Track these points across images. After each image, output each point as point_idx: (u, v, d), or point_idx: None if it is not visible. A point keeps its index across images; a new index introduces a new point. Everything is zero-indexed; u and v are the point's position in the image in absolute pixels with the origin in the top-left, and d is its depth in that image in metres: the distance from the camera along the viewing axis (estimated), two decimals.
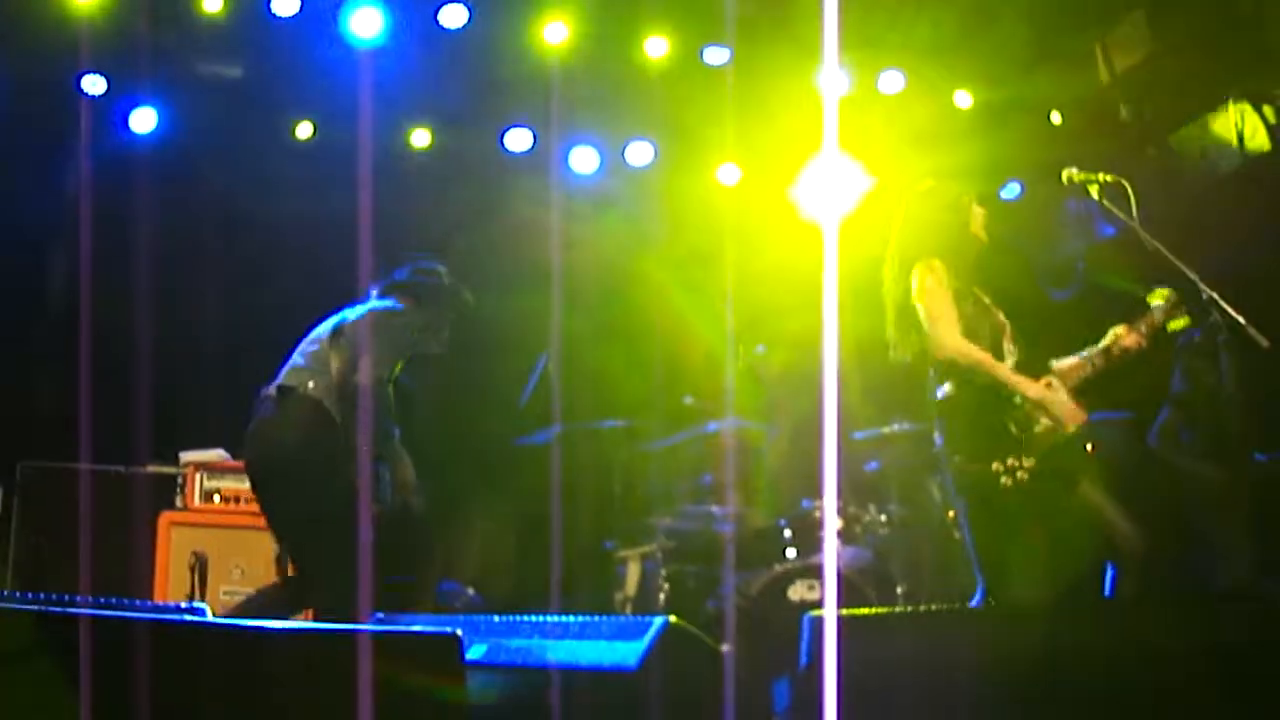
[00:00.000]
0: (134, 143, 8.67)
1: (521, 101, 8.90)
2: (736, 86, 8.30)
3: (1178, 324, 5.45)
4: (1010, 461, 5.24)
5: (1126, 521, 5.37)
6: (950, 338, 5.39)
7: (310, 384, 5.87)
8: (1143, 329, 5.54)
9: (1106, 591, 5.34)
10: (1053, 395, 5.35)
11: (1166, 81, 8.97)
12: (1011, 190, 8.71)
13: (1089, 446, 5.54)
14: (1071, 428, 5.34)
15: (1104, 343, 5.57)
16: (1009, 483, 5.23)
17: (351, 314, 6.08)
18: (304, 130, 8.76)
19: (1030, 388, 5.33)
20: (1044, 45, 8.95)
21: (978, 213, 5.62)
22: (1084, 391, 5.52)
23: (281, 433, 5.89)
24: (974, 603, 5.39)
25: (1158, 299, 5.50)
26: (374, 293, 6.26)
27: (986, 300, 5.58)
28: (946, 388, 5.45)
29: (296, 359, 6.05)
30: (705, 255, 8.59)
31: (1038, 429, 5.32)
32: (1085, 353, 5.61)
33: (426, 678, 3.26)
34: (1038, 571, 5.33)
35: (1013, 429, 5.30)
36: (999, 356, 5.45)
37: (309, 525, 5.76)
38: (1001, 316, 5.57)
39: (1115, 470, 5.59)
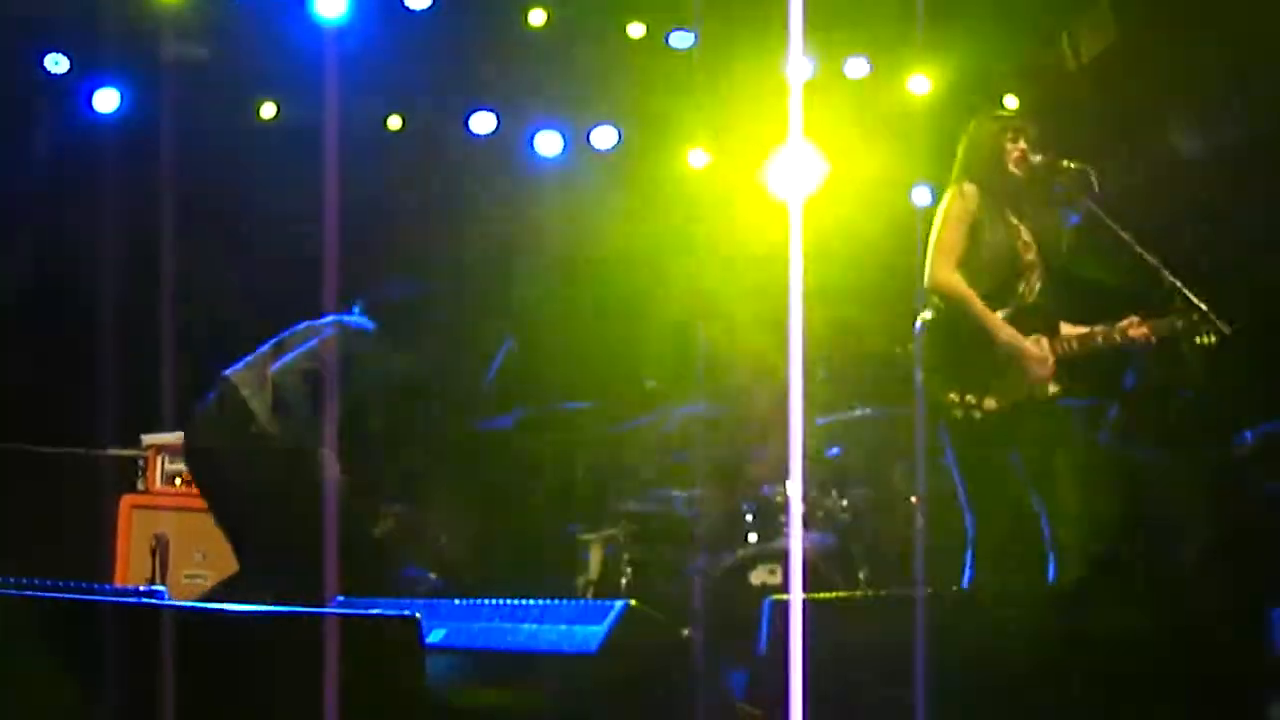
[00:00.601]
0: (98, 123, 8.62)
1: (486, 84, 8.89)
2: (702, 70, 8.32)
3: (1204, 340, 5.40)
4: (968, 397, 5.23)
5: (1071, 506, 5.36)
6: (939, 268, 5.41)
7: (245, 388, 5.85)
8: (1154, 329, 5.47)
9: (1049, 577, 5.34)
10: (1025, 344, 5.33)
11: (1132, 68, 8.99)
12: None
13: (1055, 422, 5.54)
14: (1034, 378, 5.32)
15: (1119, 324, 5.53)
16: (959, 416, 5.23)
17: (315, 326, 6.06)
18: (268, 111, 8.72)
19: (1002, 331, 5.31)
20: (1009, 32, 8.98)
21: (1012, 149, 5.59)
22: (1074, 365, 5.50)
23: (209, 427, 5.95)
24: (966, 557, 5.40)
25: (1180, 315, 5.42)
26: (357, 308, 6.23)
27: (1025, 236, 5.55)
28: (930, 312, 5.44)
29: (250, 357, 6.04)
30: (670, 238, 8.58)
31: (1009, 378, 5.31)
32: (1098, 326, 5.57)
33: (386, 661, 3.25)
34: (1017, 531, 5.35)
35: (984, 366, 5.29)
36: (1009, 293, 5.43)
37: (241, 521, 5.83)
38: (1032, 255, 5.53)
39: (1072, 453, 5.58)
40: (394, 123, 9.04)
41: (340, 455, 5.73)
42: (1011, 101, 9.04)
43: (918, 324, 5.50)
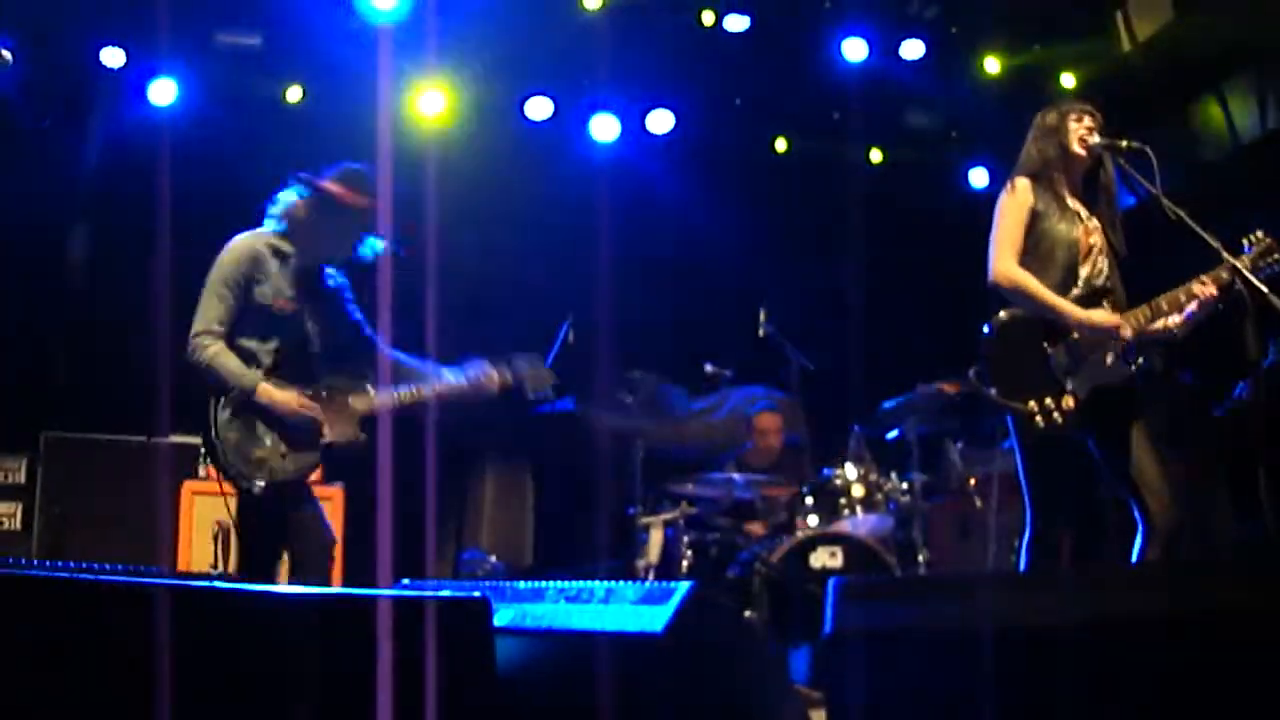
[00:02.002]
0: (153, 115, 8.68)
1: (542, 70, 8.91)
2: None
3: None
4: (1047, 401, 5.20)
5: (1166, 488, 5.33)
6: (999, 262, 5.39)
7: None
8: (1216, 281, 5.40)
9: (1135, 557, 5.31)
10: (1096, 316, 5.30)
11: (1187, 49, 8.96)
12: None
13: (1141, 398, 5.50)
14: (1113, 348, 5.28)
15: (1183, 287, 5.46)
16: (1042, 423, 5.20)
17: None
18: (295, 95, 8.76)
19: (1072, 312, 5.29)
20: (1066, 13, 8.95)
21: (1076, 128, 5.56)
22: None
23: None
24: (1024, 542, 5.39)
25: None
26: None
27: (1087, 220, 5.53)
28: (994, 321, 5.43)
29: None
30: (730, 224, 8.62)
31: (1083, 370, 5.30)
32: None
33: (457, 642, 3.27)
34: (1083, 516, 5.33)
35: (1054, 366, 5.28)
36: (1076, 279, 5.42)
37: None
38: (1097, 238, 5.51)
39: (1163, 429, 5.54)
40: (444, 108, 9.05)
41: None
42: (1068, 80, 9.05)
43: (986, 330, 5.48)
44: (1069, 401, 5.21)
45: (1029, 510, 5.40)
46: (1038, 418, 5.19)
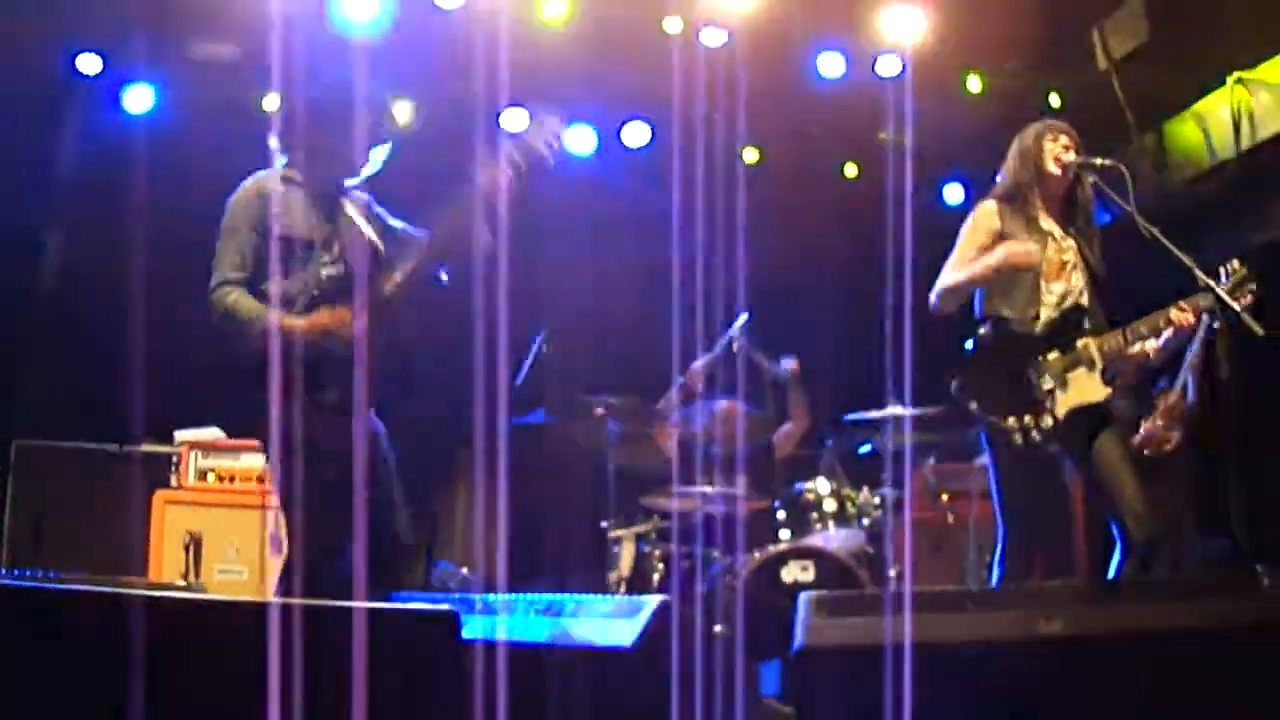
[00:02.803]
0: (129, 122, 8.66)
1: (515, 81, 8.90)
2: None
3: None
4: (1027, 419, 5.23)
5: (1143, 504, 5.36)
6: (942, 279, 5.47)
7: None
8: (1194, 308, 5.43)
9: (1112, 574, 5.34)
10: (1012, 246, 5.38)
11: (1162, 68, 8.99)
12: None
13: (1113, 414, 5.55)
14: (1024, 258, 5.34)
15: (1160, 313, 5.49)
16: (1020, 441, 5.23)
17: None
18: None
19: (993, 257, 5.39)
20: (1043, 31, 8.97)
21: (1051, 147, 5.59)
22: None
23: None
24: (996, 556, 5.41)
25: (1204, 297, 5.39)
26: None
27: (1060, 239, 5.55)
28: (977, 337, 5.46)
29: None
30: (705, 235, 8.59)
31: (1066, 389, 5.32)
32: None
33: (425, 656, 3.27)
34: (1056, 534, 5.36)
35: (1034, 384, 5.30)
36: (1035, 299, 5.44)
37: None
38: (1070, 256, 5.54)
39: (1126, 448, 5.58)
40: (409, 118, 9.05)
41: None
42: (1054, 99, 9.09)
43: (969, 346, 5.50)
44: (1047, 421, 5.24)
45: (1001, 526, 5.43)
46: (1016, 435, 5.23)
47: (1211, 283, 5.23)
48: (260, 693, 3.08)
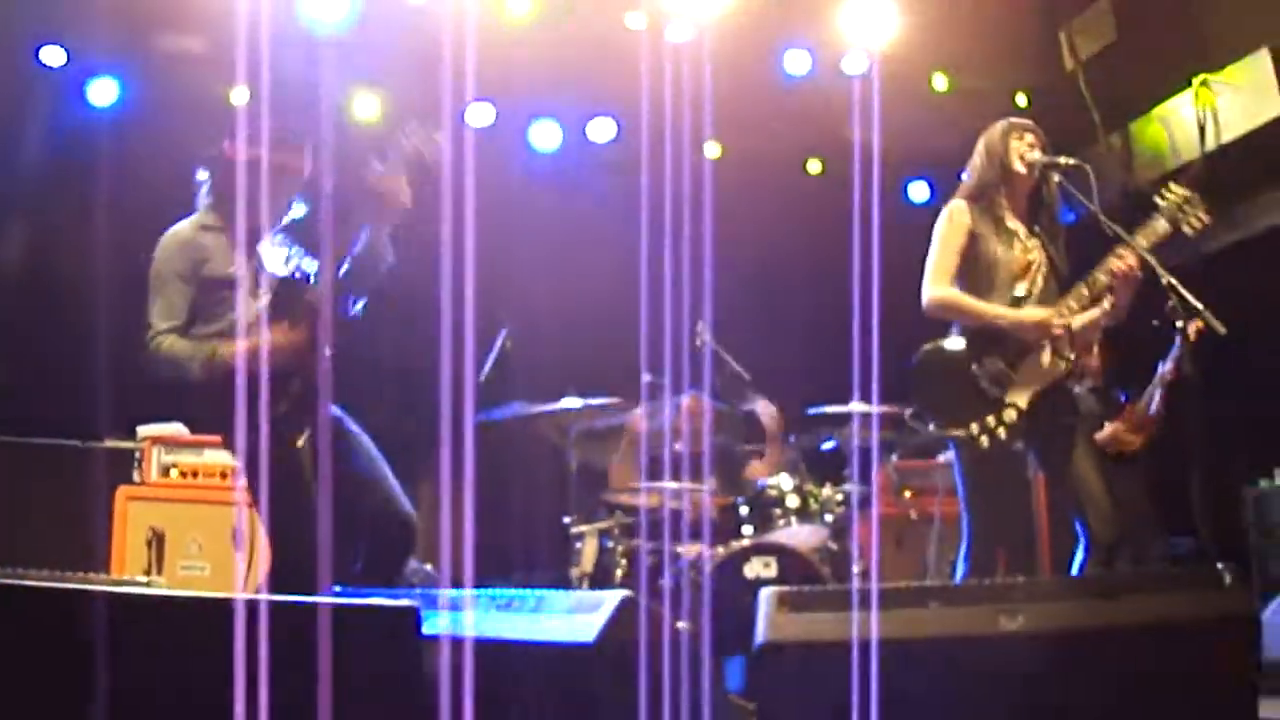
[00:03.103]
0: (94, 116, 8.63)
1: (479, 77, 8.89)
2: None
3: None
4: (988, 420, 5.24)
5: (1107, 502, 5.38)
6: (931, 287, 5.50)
7: None
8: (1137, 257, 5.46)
9: (1076, 569, 5.36)
10: (1024, 314, 5.35)
11: (1129, 68, 9.04)
12: None
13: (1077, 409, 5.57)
14: (1049, 349, 5.32)
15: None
16: (987, 442, 5.24)
17: None
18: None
19: (1001, 316, 5.34)
20: (1011, 31, 9.00)
21: (1017, 146, 5.60)
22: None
23: None
24: (961, 553, 5.41)
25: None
26: None
27: (1026, 239, 5.56)
28: (916, 355, 5.47)
29: None
30: (668, 233, 8.59)
31: (1022, 376, 5.33)
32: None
33: (384, 650, 3.26)
34: (1021, 532, 5.37)
35: (985, 386, 5.31)
36: (1009, 299, 5.45)
37: None
38: (1035, 255, 5.54)
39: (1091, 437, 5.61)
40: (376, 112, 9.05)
41: None
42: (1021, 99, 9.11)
43: (911, 364, 5.51)
44: (1010, 414, 5.25)
45: (966, 523, 5.44)
46: (983, 439, 5.23)
47: (1175, 282, 5.25)
48: (221, 688, 3.06)
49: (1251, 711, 3.76)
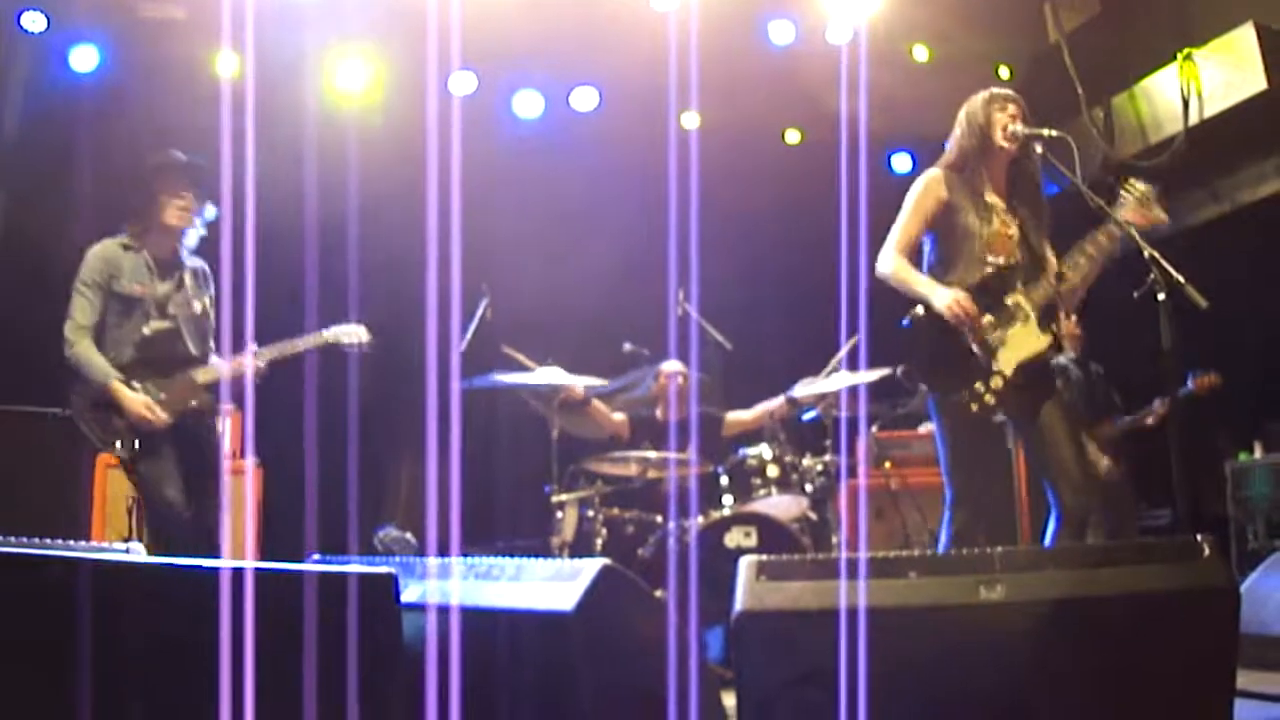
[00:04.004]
0: (75, 81, 8.59)
1: (465, 46, 8.88)
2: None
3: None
4: (977, 386, 5.25)
5: (1080, 473, 5.39)
6: (883, 254, 5.49)
7: None
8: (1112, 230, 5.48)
9: (1047, 540, 5.37)
10: (946, 292, 5.37)
11: (1113, 42, 9.04)
12: None
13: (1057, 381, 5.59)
14: (956, 312, 5.33)
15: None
16: (977, 408, 5.25)
17: None
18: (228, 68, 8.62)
19: (936, 295, 5.36)
20: (995, 3, 9.00)
21: (1000, 117, 5.56)
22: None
23: None
24: (943, 521, 5.42)
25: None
26: None
27: (1004, 213, 5.54)
28: (910, 316, 5.46)
29: None
30: (650, 203, 8.59)
31: (1008, 343, 5.34)
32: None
33: (362, 618, 3.25)
34: (1000, 501, 5.39)
35: (974, 351, 5.31)
36: (979, 270, 5.45)
37: None
38: (1013, 229, 5.52)
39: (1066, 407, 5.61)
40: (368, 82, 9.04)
41: None
42: (1004, 72, 9.11)
43: (903, 325, 5.50)
44: (998, 381, 5.27)
45: (949, 493, 5.44)
46: (971, 405, 5.24)
47: (1156, 254, 5.24)
48: (201, 655, 3.06)
49: (1230, 682, 3.77)
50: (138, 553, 4.39)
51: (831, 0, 8.90)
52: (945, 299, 5.33)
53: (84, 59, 8.59)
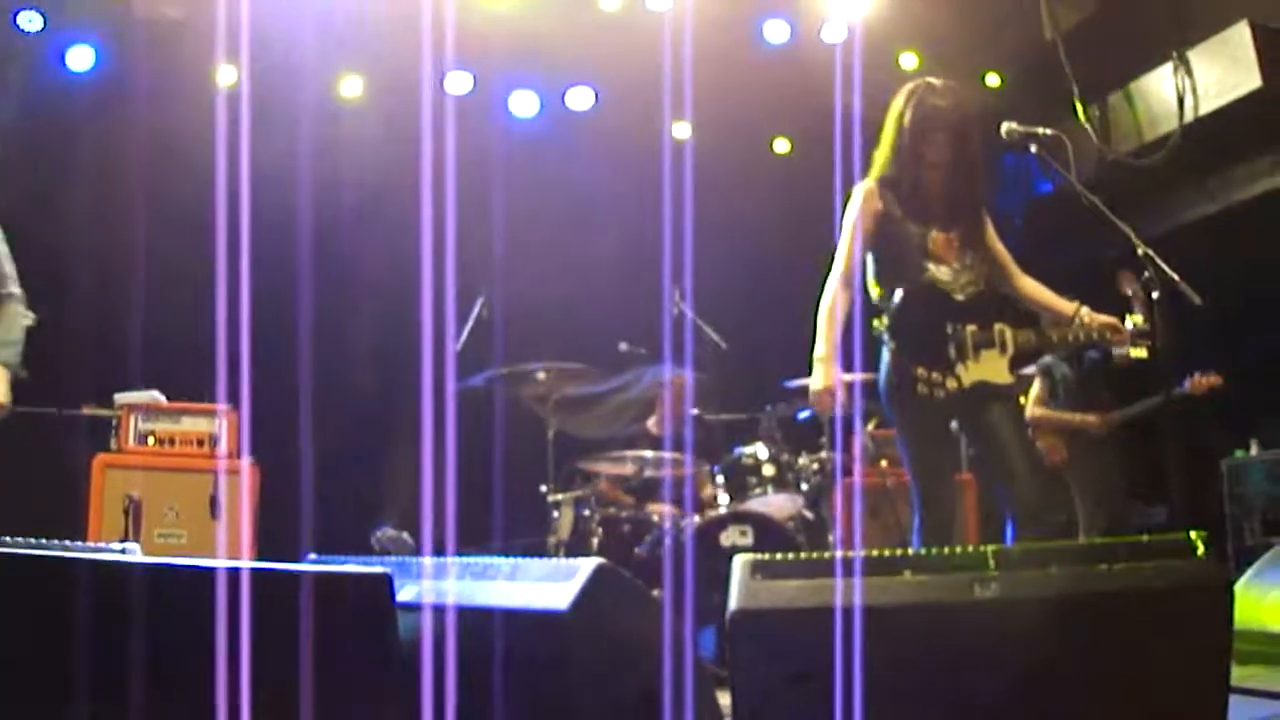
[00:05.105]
0: (71, 81, 8.60)
1: (460, 47, 8.89)
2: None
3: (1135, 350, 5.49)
4: (934, 375, 5.26)
5: (1030, 478, 5.40)
6: (826, 288, 5.48)
7: None
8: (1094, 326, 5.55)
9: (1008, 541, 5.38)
10: (815, 378, 5.41)
11: (1109, 40, 9.05)
12: None
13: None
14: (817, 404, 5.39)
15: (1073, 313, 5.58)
16: (924, 391, 5.26)
17: None
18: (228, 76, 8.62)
19: (817, 375, 5.42)
20: (990, 1, 9.00)
21: (939, 139, 5.49)
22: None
23: None
24: (914, 525, 5.43)
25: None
26: None
27: (944, 218, 5.53)
28: (904, 288, 5.45)
29: None
30: (646, 202, 8.61)
31: (976, 361, 5.35)
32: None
33: (357, 618, 3.26)
34: (948, 506, 5.40)
35: (950, 351, 5.32)
36: (918, 279, 5.46)
37: None
38: (954, 234, 5.52)
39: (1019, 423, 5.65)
40: (360, 90, 9.05)
41: None
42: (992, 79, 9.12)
43: (896, 296, 5.49)
44: (952, 383, 5.27)
45: (915, 496, 5.46)
46: (921, 385, 5.25)
47: (1151, 252, 5.25)
48: (197, 655, 3.07)
49: (1224, 680, 3.78)
50: (134, 553, 4.39)
51: (827, 1, 8.91)
52: (816, 383, 5.40)
53: (80, 59, 8.59)
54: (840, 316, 5.46)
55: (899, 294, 5.43)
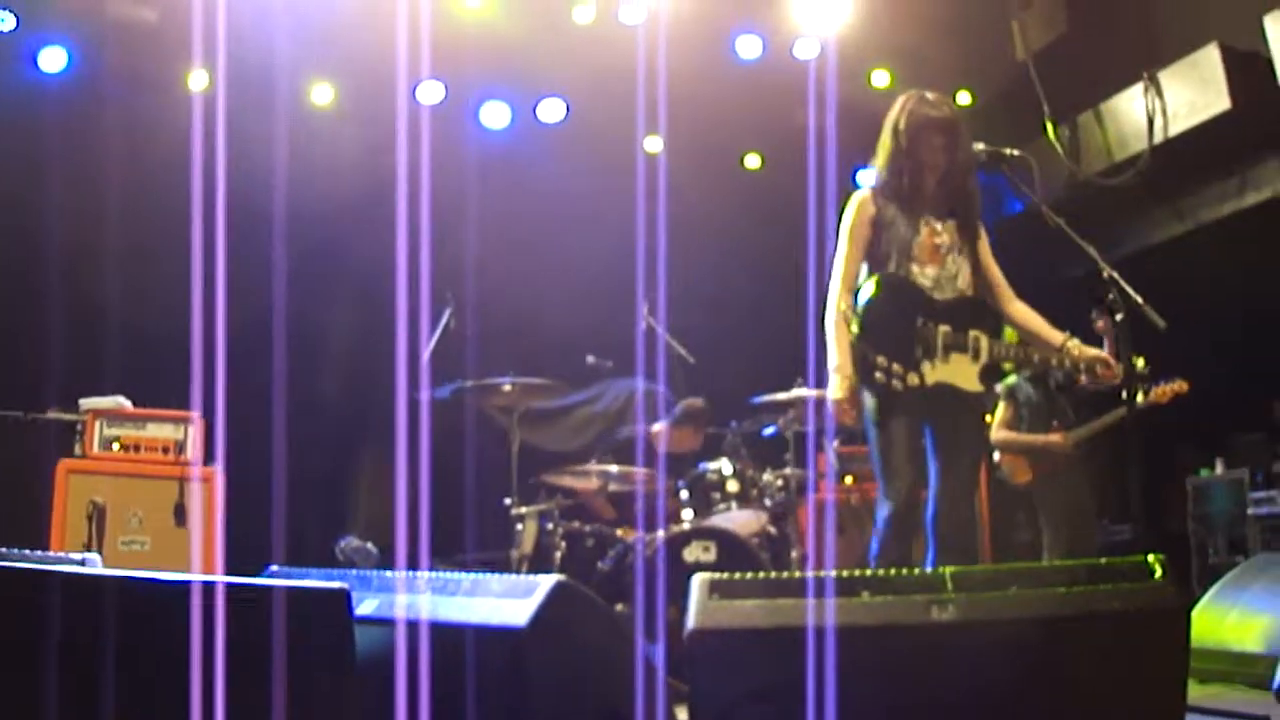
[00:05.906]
0: (43, 82, 8.57)
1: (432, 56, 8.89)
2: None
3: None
4: (895, 366, 5.27)
5: (947, 500, 5.42)
6: (830, 298, 5.50)
7: None
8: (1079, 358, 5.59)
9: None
10: (829, 389, 5.44)
11: (1079, 61, 9.10)
12: None
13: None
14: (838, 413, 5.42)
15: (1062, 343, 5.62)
16: (881, 380, 5.27)
17: None
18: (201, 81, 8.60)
19: (834, 385, 5.43)
20: (963, 20, 9.03)
21: (928, 139, 5.54)
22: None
23: None
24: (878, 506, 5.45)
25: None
26: None
27: (935, 223, 5.56)
28: (880, 275, 5.47)
29: None
30: (616, 215, 8.62)
31: (944, 363, 5.37)
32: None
33: (315, 632, 3.26)
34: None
35: (914, 342, 5.34)
36: (898, 270, 5.49)
37: None
38: (943, 239, 5.54)
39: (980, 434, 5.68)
40: (331, 96, 9.05)
41: None
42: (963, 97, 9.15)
43: (869, 285, 5.50)
44: (914, 379, 5.29)
45: (879, 488, 5.48)
46: (880, 374, 5.26)
47: (1115, 275, 5.27)
48: (156, 666, 3.06)
49: (1180, 703, 3.79)
50: (94, 564, 4.37)
51: (800, 15, 8.92)
52: (835, 394, 5.42)
53: (53, 60, 8.56)
54: (845, 331, 5.50)
55: (871, 282, 5.46)
